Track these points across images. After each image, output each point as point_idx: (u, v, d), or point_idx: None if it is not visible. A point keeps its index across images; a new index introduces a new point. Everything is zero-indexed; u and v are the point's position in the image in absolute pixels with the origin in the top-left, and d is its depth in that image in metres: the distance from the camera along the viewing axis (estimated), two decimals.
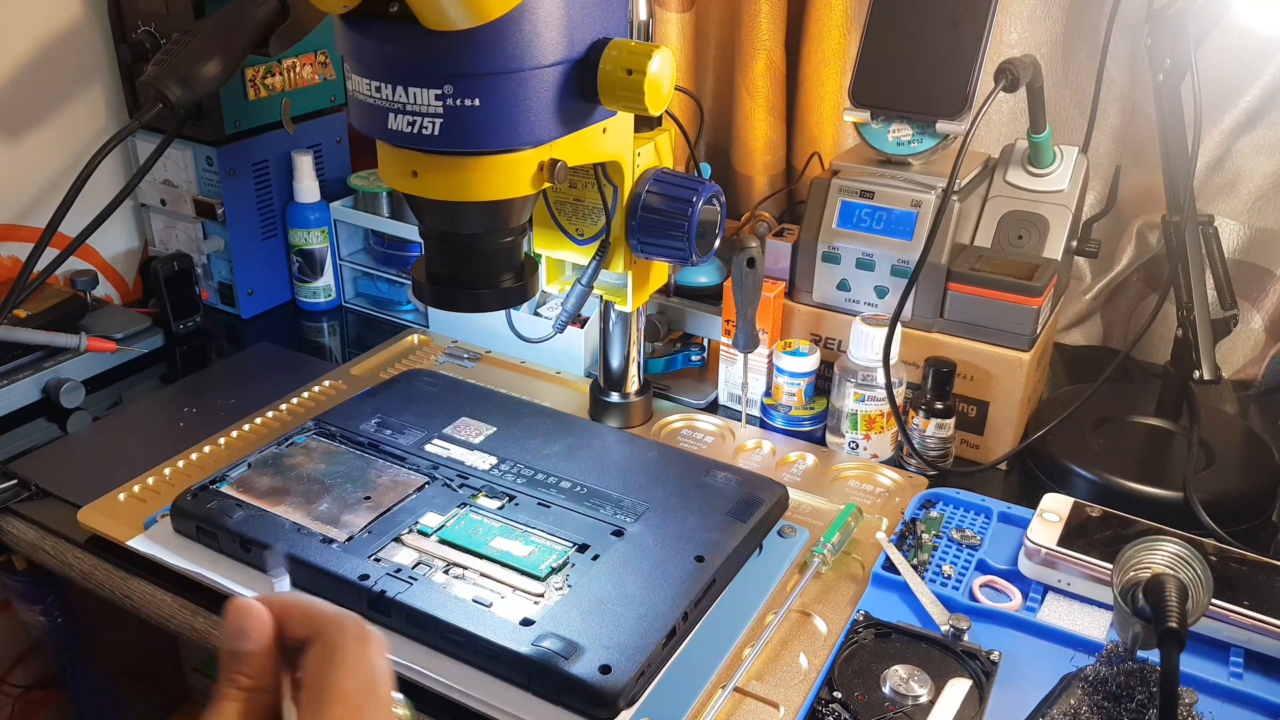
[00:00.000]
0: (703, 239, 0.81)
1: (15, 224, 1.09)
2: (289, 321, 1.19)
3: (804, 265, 0.95)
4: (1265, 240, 1.04)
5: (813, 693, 0.65)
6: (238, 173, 1.11)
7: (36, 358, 1.00)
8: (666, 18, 1.16)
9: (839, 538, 0.77)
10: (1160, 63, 0.81)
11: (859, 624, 0.70)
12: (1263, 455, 0.90)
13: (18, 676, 1.13)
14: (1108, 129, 1.07)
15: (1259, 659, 0.69)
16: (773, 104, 1.17)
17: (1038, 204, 0.93)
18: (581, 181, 0.82)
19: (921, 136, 0.91)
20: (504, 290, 0.76)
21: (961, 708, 0.63)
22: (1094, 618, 0.73)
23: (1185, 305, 0.85)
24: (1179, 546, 0.61)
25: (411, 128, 0.66)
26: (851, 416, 0.90)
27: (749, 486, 0.81)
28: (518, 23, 0.63)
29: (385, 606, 0.68)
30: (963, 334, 0.90)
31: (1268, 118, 1.00)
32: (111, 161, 1.08)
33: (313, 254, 1.17)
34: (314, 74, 1.15)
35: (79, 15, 1.09)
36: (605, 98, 0.69)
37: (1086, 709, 0.62)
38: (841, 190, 0.93)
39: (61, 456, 0.91)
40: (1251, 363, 1.06)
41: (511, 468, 0.82)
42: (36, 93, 1.07)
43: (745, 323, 0.89)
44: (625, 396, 0.94)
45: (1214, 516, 0.80)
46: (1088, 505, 0.79)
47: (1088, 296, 1.13)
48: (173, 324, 1.11)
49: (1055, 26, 1.06)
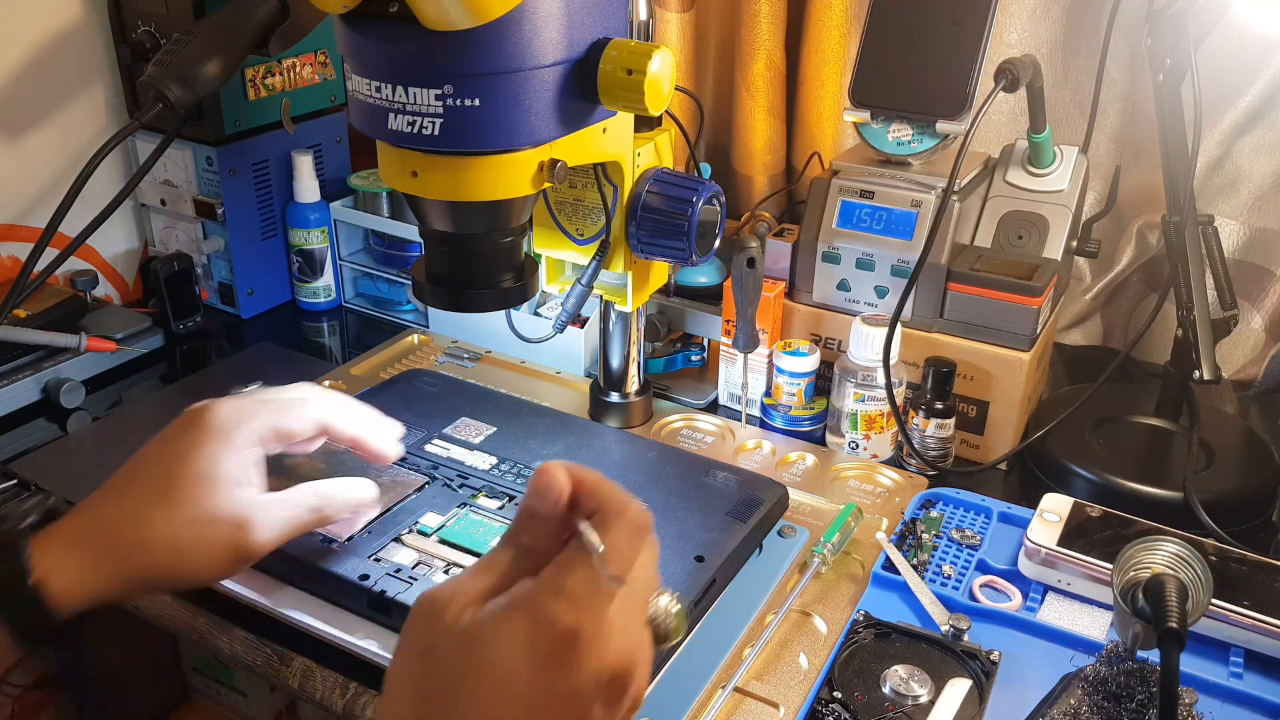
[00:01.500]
0: (703, 239, 0.81)
1: (15, 224, 1.09)
2: (289, 321, 1.19)
3: (804, 265, 0.95)
4: (1265, 240, 1.04)
5: (813, 693, 0.65)
6: (238, 173, 1.11)
7: (36, 358, 1.00)
8: (666, 18, 1.16)
9: (839, 538, 0.77)
10: (1160, 63, 0.81)
11: (859, 624, 0.70)
12: (1263, 455, 0.90)
13: (18, 676, 1.13)
14: (1108, 129, 1.07)
15: (1259, 659, 0.69)
16: (773, 104, 1.17)
17: (1038, 204, 0.93)
18: (581, 181, 0.82)
19: (921, 136, 0.91)
20: (504, 290, 0.76)
21: (961, 708, 0.63)
22: (1094, 618, 0.73)
23: (1185, 305, 0.85)
24: (1179, 546, 0.62)
25: (411, 128, 0.66)
26: (851, 416, 0.90)
27: (749, 486, 0.81)
28: (518, 23, 0.63)
29: (385, 606, 0.68)
30: (963, 334, 0.90)
31: (1268, 118, 1.00)
32: (111, 161, 1.08)
33: (313, 254, 1.17)
34: (314, 74, 1.15)
35: (79, 15, 1.09)
36: (605, 98, 0.69)
37: (1086, 709, 0.62)
38: (841, 190, 0.93)
39: (61, 456, 0.91)
40: (1251, 363, 1.06)
41: (511, 468, 0.82)
42: (36, 93, 1.07)
43: (745, 323, 0.89)
44: (625, 396, 0.94)
45: (1214, 516, 0.80)
46: (1088, 505, 0.79)
47: (1088, 296, 1.13)
48: (173, 324, 1.11)
49: (1055, 26, 1.06)
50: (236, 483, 0.65)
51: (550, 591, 0.45)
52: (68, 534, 0.63)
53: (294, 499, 0.67)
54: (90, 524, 0.63)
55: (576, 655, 0.44)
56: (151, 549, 0.62)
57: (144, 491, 0.64)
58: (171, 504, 0.63)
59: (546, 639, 0.44)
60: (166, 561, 0.63)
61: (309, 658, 0.69)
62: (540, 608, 0.44)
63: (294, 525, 0.67)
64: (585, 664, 0.44)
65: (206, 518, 0.63)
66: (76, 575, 0.61)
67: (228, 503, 0.64)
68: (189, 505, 0.63)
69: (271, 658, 0.70)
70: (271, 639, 0.71)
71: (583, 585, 0.45)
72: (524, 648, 0.44)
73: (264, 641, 0.71)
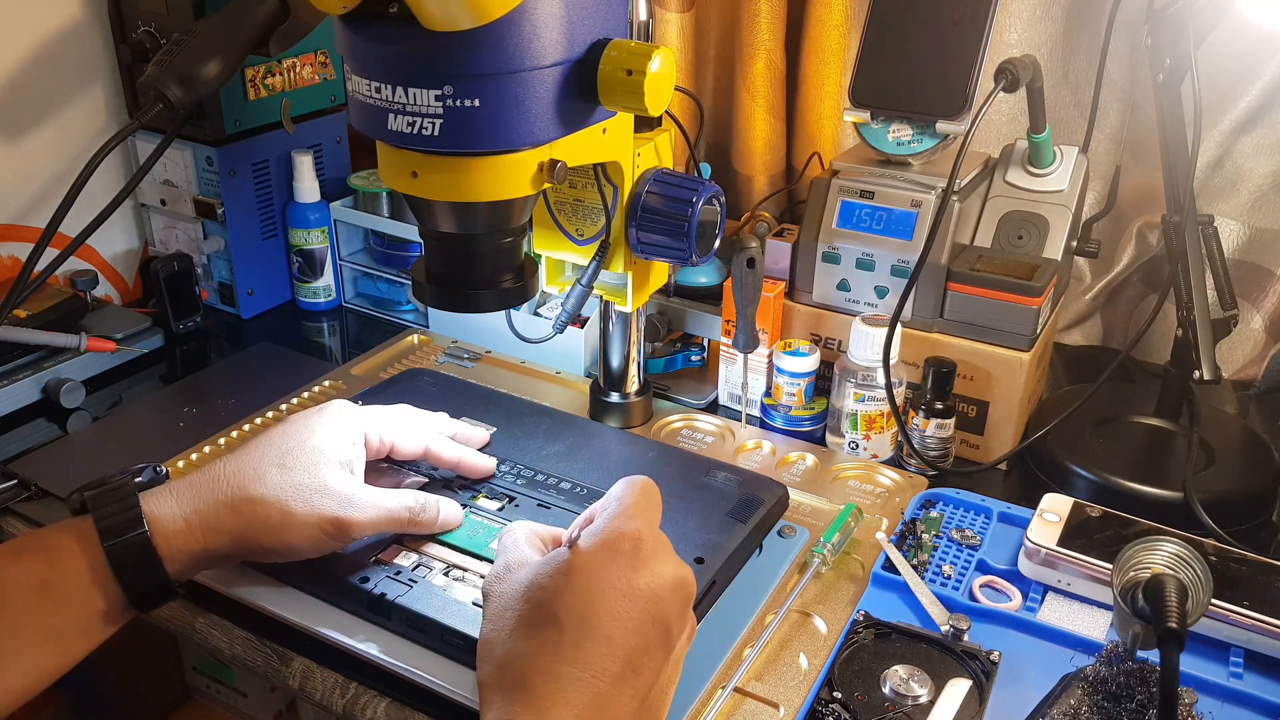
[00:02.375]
0: (703, 239, 0.81)
1: (15, 224, 1.09)
2: (289, 321, 1.19)
3: (804, 265, 0.95)
4: (1265, 240, 1.04)
5: (813, 693, 0.65)
6: (238, 173, 1.11)
7: (36, 358, 1.00)
8: (666, 18, 1.16)
9: (839, 538, 0.77)
10: (1160, 63, 0.81)
11: (859, 624, 0.70)
12: (1263, 455, 0.90)
13: None
14: (1108, 129, 1.07)
15: (1259, 659, 0.69)
16: (773, 104, 1.17)
17: (1038, 204, 0.93)
18: (581, 181, 0.82)
19: (921, 136, 0.91)
20: (504, 290, 0.76)
21: (961, 708, 0.63)
22: (1094, 618, 0.73)
23: (1185, 305, 0.85)
24: (1179, 546, 0.62)
25: (411, 128, 0.66)
26: (851, 416, 0.90)
27: (749, 486, 0.81)
28: (518, 23, 0.63)
29: (385, 609, 0.68)
30: (963, 334, 0.90)
31: (1268, 118, 1.00)
32: (111, 161, 1.08)
33: (313, 254, 1.17)
34: (314, 74, 1.15)
35: (79, 15, 1.09)
36: (605, 98, 0.69)
37: (1086, 709, 0.62)
38: (841, 190, 0.93)
39: (61, 456, 0.91)
40: (1251, 363, 1.06)
41: (511, 468, 0.82)
42: (36, 93, 1.07)
43: (745, 323, 0.89)
44: (625, 396, 0.94)
45: (1214, 516, 0.80)
46: (1088, 505, 0.79)
47: (1088, 296, 1.13)
48: (173, 324, 1.11)
49: (1055, 26, 1.06)
50: (344, 465, 0.69)
51: (610, 518, 0.58)
52: (180, 486, 0.65)
53: (395, 495, 0.71)
54: (203, 477, 0.66)
55: (645, 555, 0.56)
56: (264, 505, 0.65)
57: (261, 454, 0.68)
58: (286, 469, 0.67)
59: (618, 546, 0.56)
60: (275, 521, 0.65)
61: (309, 658, 0.69)
62: (606, 529, 0.57)
63: (390, 519, 0.70)
64: (655, 564, 0.56)
65: (318, 486, 0.67)
66: (185, 526, 0.63)
67: (337, 480, 0.68)
68: (303, 472, 0.67)
69: (271, 658, 0.70)
70: (271, 639, 0.71)
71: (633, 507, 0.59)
72: (605, 557, 0.55)
73: (264, 641, 0.71)
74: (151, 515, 0.63)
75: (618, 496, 0.60)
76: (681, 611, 0.57)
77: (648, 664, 0.54)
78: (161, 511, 0.63)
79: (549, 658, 0.53)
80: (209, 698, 1.26)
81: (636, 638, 0.54)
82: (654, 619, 0.55)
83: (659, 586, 0.55)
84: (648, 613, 0.55)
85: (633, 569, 0.55)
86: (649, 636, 0.54)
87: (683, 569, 0.58)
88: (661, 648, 0.55)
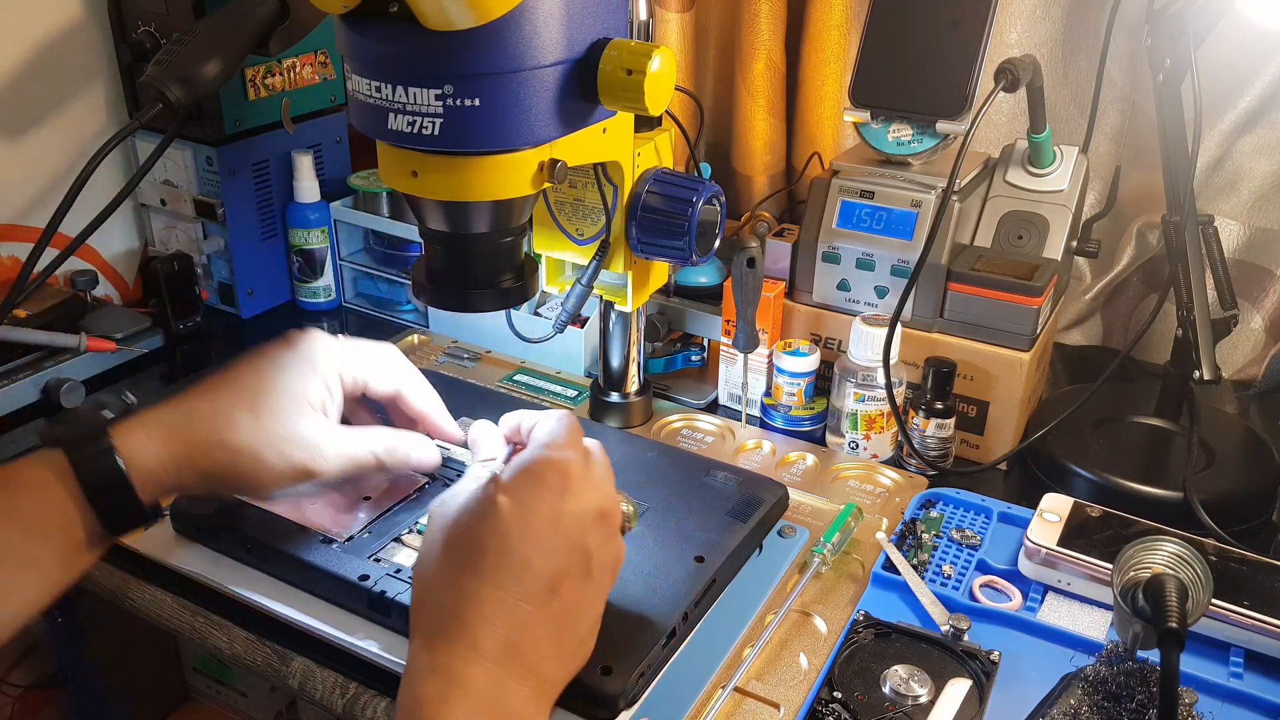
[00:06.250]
0: (703, 239, 0.81)
1: (15, 224, 1.09)
2: (289, 321, 1.19)
3: (804, 265, 0.95)
4: (1265, 240, 1.04)
5: (813, 693, 0.65)
6: (238, 173, 1.11)
7: (36, 358, 1.00)
8: (666, 18, 1.16)
9: (839, 538, 0.77)
10: (1160, 63, 0.81)
11: (859, 624, 0.70)
12: (1263, 455, 0.90)
13: (18, 676, 1.13)
14: (1108, 129, 1.07)
15: (1259, 659, 0.69)
16: (773, 104, 1.17)
17: (1038, 204, 0.93)
18: (581, 181, 0.82)
19: (921, 136, 0.91)
20: (504, 290, 0.76)
21: (961, 708, 0.63)
22: (1094, 618, 0.73)
23: (1185, 305, 0.85)
24: (1179, 546, 0.62)
25: (411, 128, 0.66)
26: (851, 416, 0.90)
27: (749, 486, 0.81)
28: (518, 23, 0.63)
29: (385, 607, 0.68)
30: (963, 334, 0.90)
31: (1268, 118, 1.00)
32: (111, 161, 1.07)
33: (313, 254, 1.17)
34: (314, 74, 1.15)
35: (79, 15, 1.09)
36: (605, 98, 0.69)
37: (1086, 709, 0.62)
38: (841, 190, 0.93)
39: None
40: (1251, 363, 1.06)
41: None
42: (36, 93, 1.07)
43: (745, 323, 0.89)
44: (625, 396, 0.94)
45: (1214, 516, 0.80)
46: (1088, 505, 0.79)
47: (1088, 296, 1.13)
48: (173, 324, 1.11)
49: (1055, 26, 1.06)
50: (317, 409, 0.69)
51: (537, 448, 0.61)
52: (153, 422, 0.65)
53: (363, 437, 0.71)
54: (177, 416, 0.66)
55: (571, 486, 0.59)
56: (235, 452, 0.65)
57: (233, 396, 0.67)
58: (258, 414, 0.66)
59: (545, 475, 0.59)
60: (246, 468, 0.65)
61: (309, 658, 0.69)
62: (533, 460, 0.60)
63: (357, 462, 0.70)
64: (580, 494, 0.59)
65: (288, 434, 0.67)
66: (159, 463, 0.64)
67: (308, 426, 0.68)
68: (274, 419, 0.66)
69: (271, 658, 0.70)
70: (271, 639, 0.71)
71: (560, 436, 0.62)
72: (529, 485, 0.59)
73: (264, 641, 0.71)
74: (125, 453, 0.62)
75: (547, 428, 0.64)
76: (603, 540, 0.60)
77: (568, 586, 0.57)
78: (134, 450, 0.63)
79: (471, 580, 0.56)
80: (209, 697, 1.26)
81: (555, 560, 0.57)
82: (575, 545, 0.58)
83: (581, 514, 0.59)
84: (569, 539, 0.58)
85: (559, 497, 0.59)
86: (569, 561, 0.58)
87: (607, 499, 0.61)
88: (581, 573, 0.58)
